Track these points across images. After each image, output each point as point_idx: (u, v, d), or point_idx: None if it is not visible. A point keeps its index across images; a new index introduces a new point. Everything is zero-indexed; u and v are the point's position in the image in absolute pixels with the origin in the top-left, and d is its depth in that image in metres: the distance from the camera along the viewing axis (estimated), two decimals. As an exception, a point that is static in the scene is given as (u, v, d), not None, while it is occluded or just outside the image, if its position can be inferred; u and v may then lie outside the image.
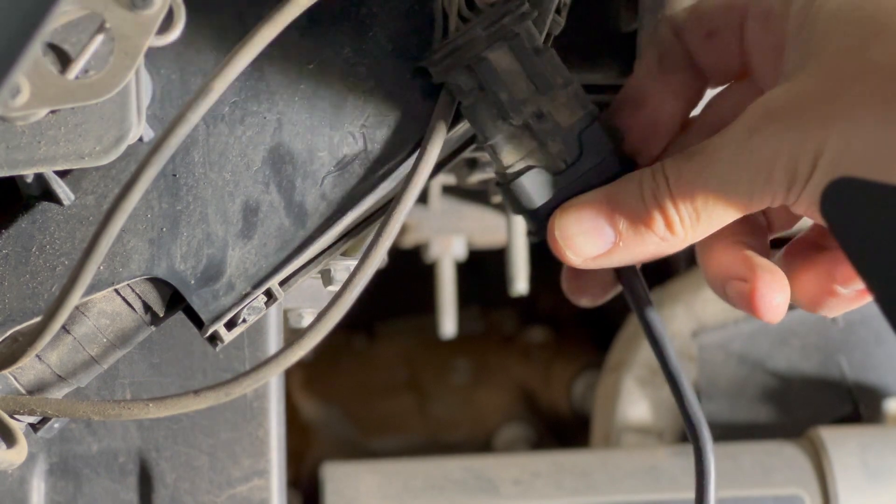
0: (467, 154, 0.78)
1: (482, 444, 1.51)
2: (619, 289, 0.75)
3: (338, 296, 0.69)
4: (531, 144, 0.70)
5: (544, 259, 1.41)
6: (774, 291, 0.70)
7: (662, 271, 1.35)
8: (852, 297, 0.71)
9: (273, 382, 0.88)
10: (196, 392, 0.69)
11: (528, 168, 0.70)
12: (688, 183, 0.68)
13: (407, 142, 0.72)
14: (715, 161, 0.68)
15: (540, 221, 0.71)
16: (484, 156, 1.05)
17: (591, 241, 0.70)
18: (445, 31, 0.71)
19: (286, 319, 0.92)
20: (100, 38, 0.61)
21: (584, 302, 0.77)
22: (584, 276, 0.75)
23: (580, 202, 0.70)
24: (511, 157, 0.71)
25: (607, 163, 0.71)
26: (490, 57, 0.69)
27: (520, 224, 1.26)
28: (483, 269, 1.47)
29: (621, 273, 0.73)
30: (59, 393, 0.73)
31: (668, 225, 0.68)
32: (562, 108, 0.70)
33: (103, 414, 0.70)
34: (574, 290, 0.77)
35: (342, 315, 0.69)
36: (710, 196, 0.68)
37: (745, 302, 0.70)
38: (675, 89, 0.73)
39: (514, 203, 0.71)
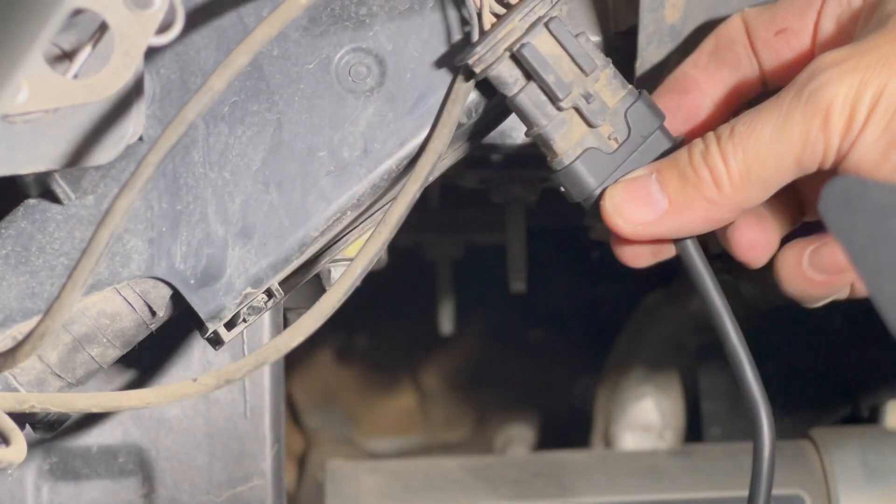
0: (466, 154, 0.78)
1: (482, 444, 1.51)
2: (670, 253, 0.73)
3: (340, 279, 0.69)
4: (582, 128, 0.70)
5: (544, 258, 1.41)
6: (749, 228, 0.71)
7: (663, 271, 1.34)
8: (822, 279, 0.71)
9: (273, 382, 0.88)
10: (195, 379, 0.69)
11: (583, 152, 0.70)
12: (739, 136, 0.67)
13: (407, 141, 0.72)
14: (769, 111, 0.67)
15: (598, 204, 0.71)
16: (484, 156, 1.05)
17: (641, 207, 0.69)
18: (480, 28, 0.71)
19: (286, 319, 0.92)
20: (100, 38, 0.61)
21: (631, 261, 0.74)
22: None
23: (631, 175, 0.70)
24: (565, 143, 0.70)
25: (657, 139, 0.71)
26: (534, 41, 0.69)
27: (519, 224, 1.26)
28: (483, 269, 1.47)
29: (679, 243, 0.72)
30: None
31: (717, 181, 0.67)
32: (605, 88, 0.70)
33: (102, 406, 0.69)
34: (625, 249, 0.74)
35: (343, 299, 0.69)
36: (761, 147, 0.66)
37: (725, 239, 0.72)
38: (722, 81, 0.73)
39: (570, 189, 0.71)
